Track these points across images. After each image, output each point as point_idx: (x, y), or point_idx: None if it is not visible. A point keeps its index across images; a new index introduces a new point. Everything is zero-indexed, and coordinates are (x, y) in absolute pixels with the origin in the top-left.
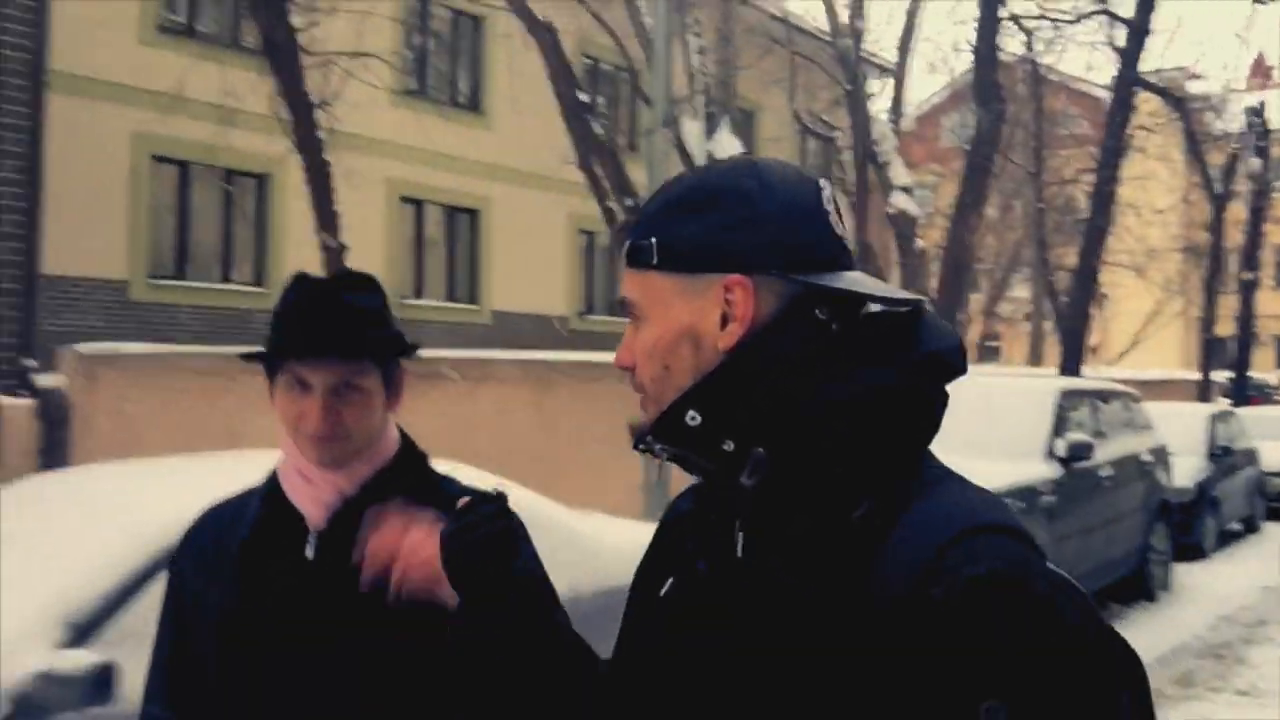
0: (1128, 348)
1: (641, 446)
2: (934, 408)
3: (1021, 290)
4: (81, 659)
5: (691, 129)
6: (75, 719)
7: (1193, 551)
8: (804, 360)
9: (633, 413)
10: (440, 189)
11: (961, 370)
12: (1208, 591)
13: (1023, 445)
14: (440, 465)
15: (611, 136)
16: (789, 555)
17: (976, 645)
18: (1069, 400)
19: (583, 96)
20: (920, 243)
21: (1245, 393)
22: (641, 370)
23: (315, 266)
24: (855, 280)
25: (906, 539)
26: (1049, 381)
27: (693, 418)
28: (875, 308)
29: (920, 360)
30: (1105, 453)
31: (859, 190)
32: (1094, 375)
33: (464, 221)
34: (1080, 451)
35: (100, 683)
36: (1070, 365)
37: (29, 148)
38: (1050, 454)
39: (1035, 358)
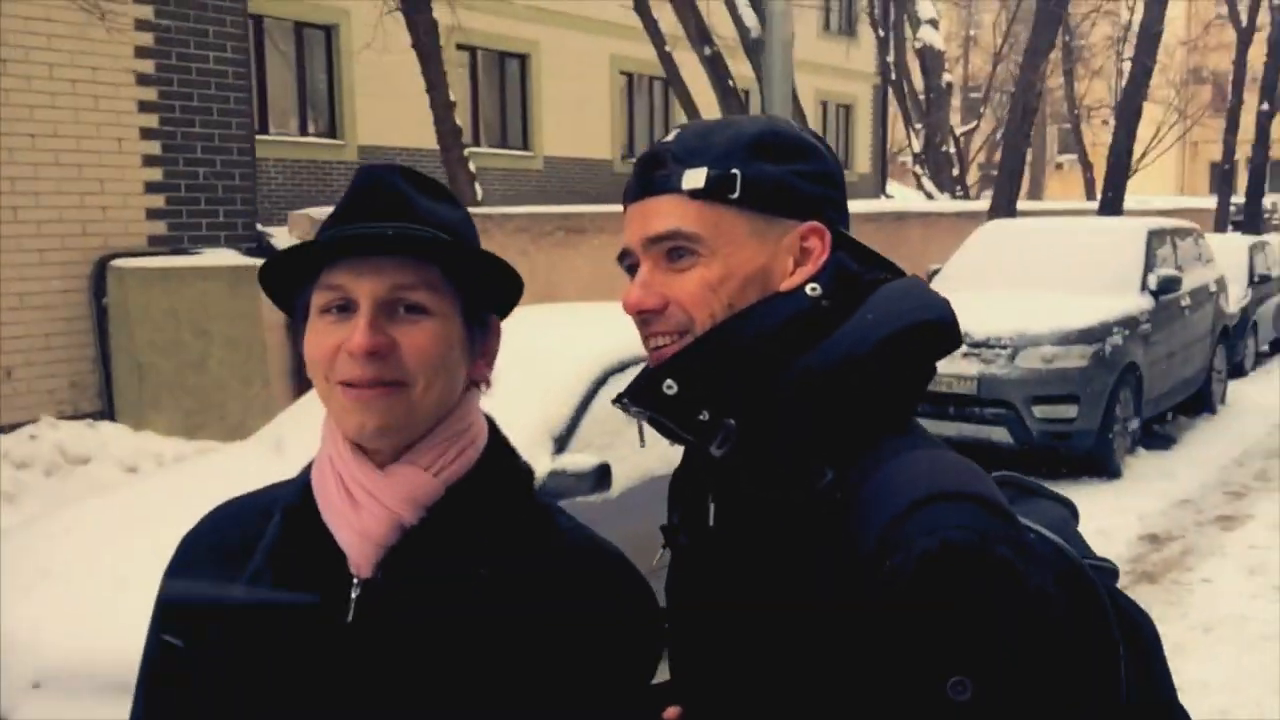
0: (1131, 173)
1: (620, 403)
2: (913, 378)
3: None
4: (588, 460)
5: None
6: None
7: (1236, 370)
8: (783, 331)
9: None
10: (490, 34)
11: (953, 340)
12: (1259, 402)
13: (1121, 281)
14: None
15: None
16: (756, 526)
17: (936, 619)
18: (1155, 239)
19: None
20: (948, 77)
21: (1259, 220)
22: (695, 309)
23: (383, 120)
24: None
25: (867, 510)
26: (1137, 222)
27: (669, 386)
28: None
29: (900, 332)
30: (1184, 285)
31: (884, 22)
32: (1134, 208)
33: (514, 66)
34: (1170, 285)
35: (603, 476)
36: (1112, 201)
37: None
38: (1144, 288)
39: (1032, 191)
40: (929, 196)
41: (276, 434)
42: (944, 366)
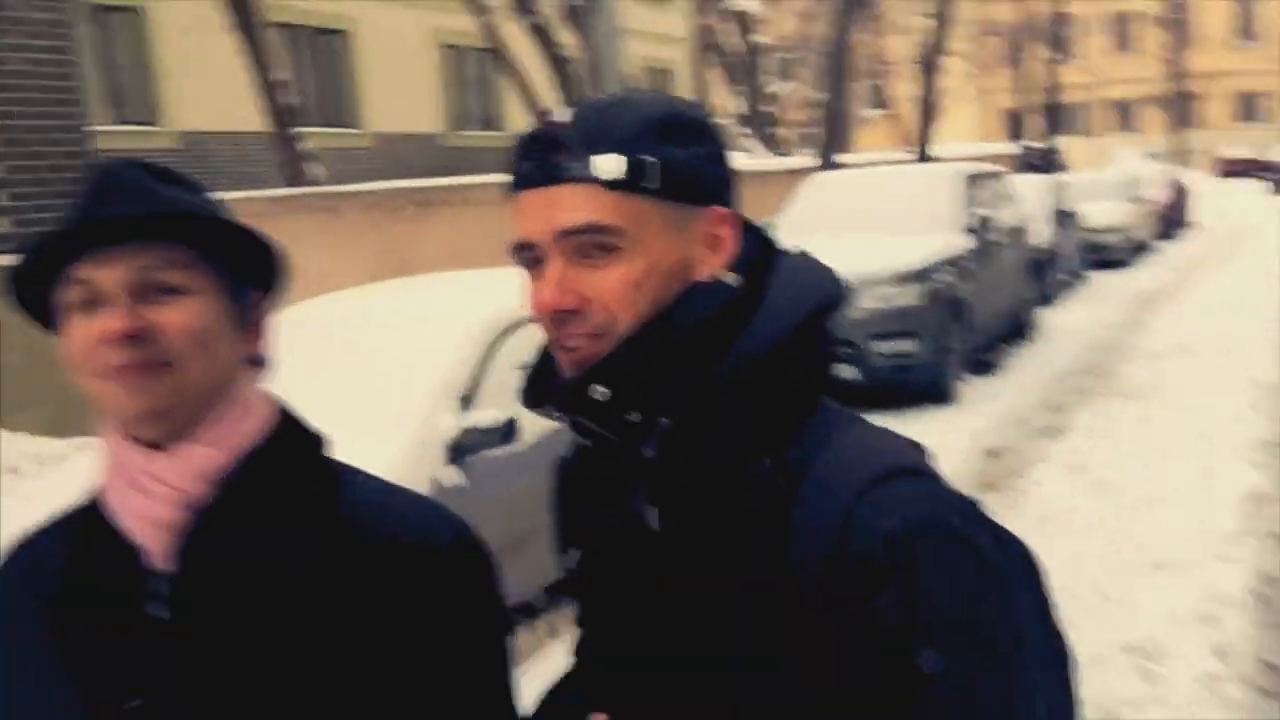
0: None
1: (535, 407)
2: (827, 354)
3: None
4: (496, 415)
5: None
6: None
7: (1045, 300)
8: (711, 323)
9: None
10: (307, 11)
11: (843, 307)
12: (1067, 327)
13: (944, 222)
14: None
15: None
16: (707, 524)
17: (904, 597)
18: (971, 181)
19: None
20: (761, 38)
21: (1054, 161)
22: (620, 308)
23: (202, 105)
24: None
25: (816, 497)
26: (953, 167)
27: (600, 393)
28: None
29: (814, 312)
30: (997, 223)
31: None
32: (941, 155)
33: (334, 43)
34: (986, 224)
35: (510, 429)
36: (922, 150)
37: None
38: (965, 228)
39: (838, 145)
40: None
41: None
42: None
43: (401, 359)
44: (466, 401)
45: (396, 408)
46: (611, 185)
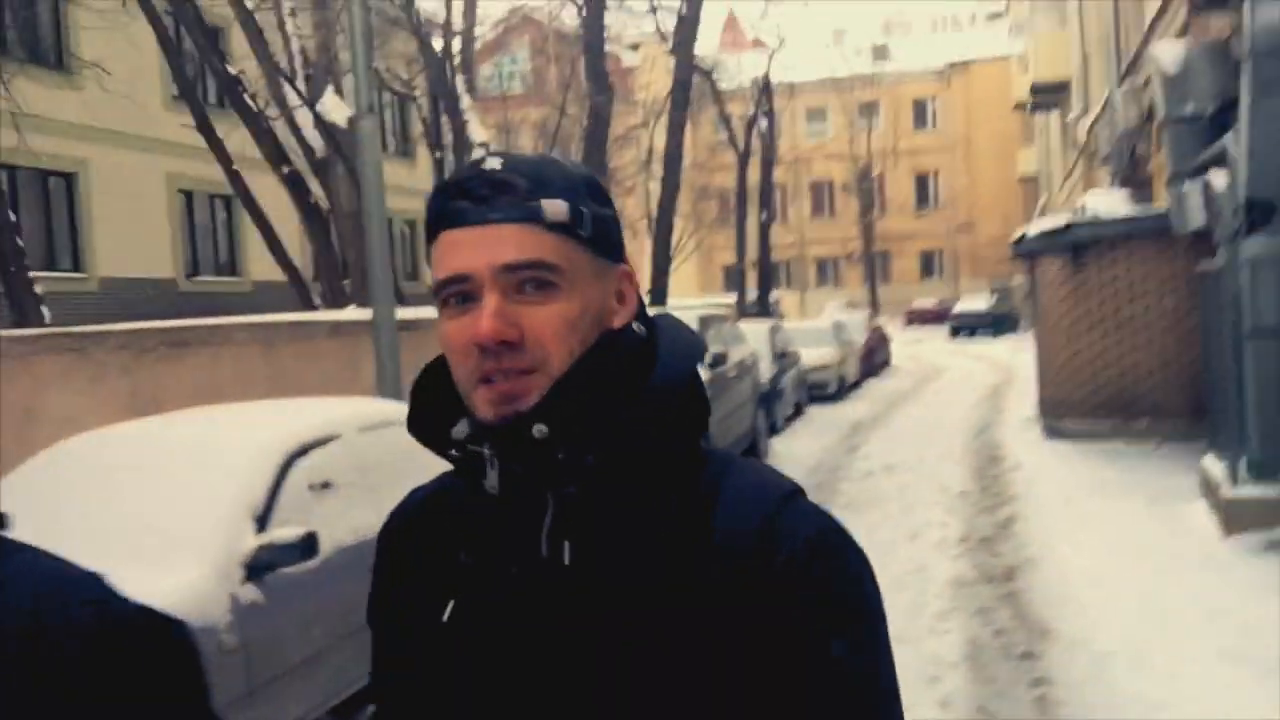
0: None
1: (428, 442)
2: (704, 399)
3: None
4: (293, 531)
5: (332, 101)
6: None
7: (772, 429)
8: (628, 368)
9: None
10: (33, 153)
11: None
12: (793, 453)
13: None
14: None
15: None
16: (624, 553)
17: (824, 595)
18: (704, 323)
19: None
20: None
21: (769, 310)
22: (552, 346)
23: None
24: None
25: (731, 516)
26: (690, 311)
27: (540, 430)
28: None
29: (695, 359)
30: (729, 359)
31: (438, 145)
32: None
33: (60, 185)
34: (720, 359)
35: (309, 544)
36: (655, 301)
37: None
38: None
39: None
40: None
41: None
42: None
43: (197, 482)
44: (262, 521)
45: (195, 529)
46: (551, 227)
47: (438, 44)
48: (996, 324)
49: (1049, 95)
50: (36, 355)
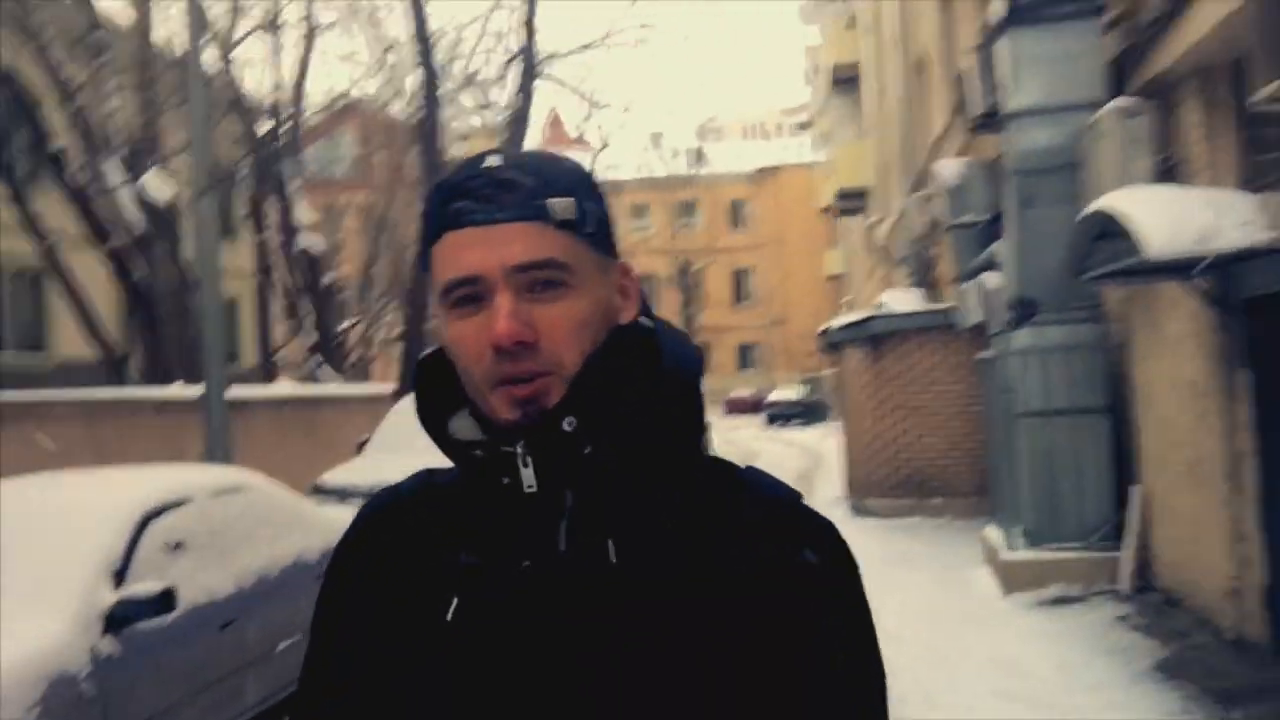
0: None
1: (487, 452)
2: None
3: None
4: (152, 586)
5: (152, 182)
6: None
7: None
8: (642, 363)
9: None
10: None
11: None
12: None
13: None
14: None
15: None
16: (659, 548)
17: (841, 590)
18: None
19: None
20: (331, 275)
21: None
22: (567, 345)
23: None
24: None
25: (756, 512)
26: None
27: (569, 423)
28: None
29: (697, 351)
30: None
31: (260, 226)
32: None
33: None
34: None
35: (167, 598)
36: (407, 383)
37: None
38: None
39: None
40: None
41: None
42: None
43: (56, 540)
44: (120, 576)
45: (55, 584)
46: (558, 225)
47: (263, 126)
48: (808, 413)
49: (851, 201)
50: None
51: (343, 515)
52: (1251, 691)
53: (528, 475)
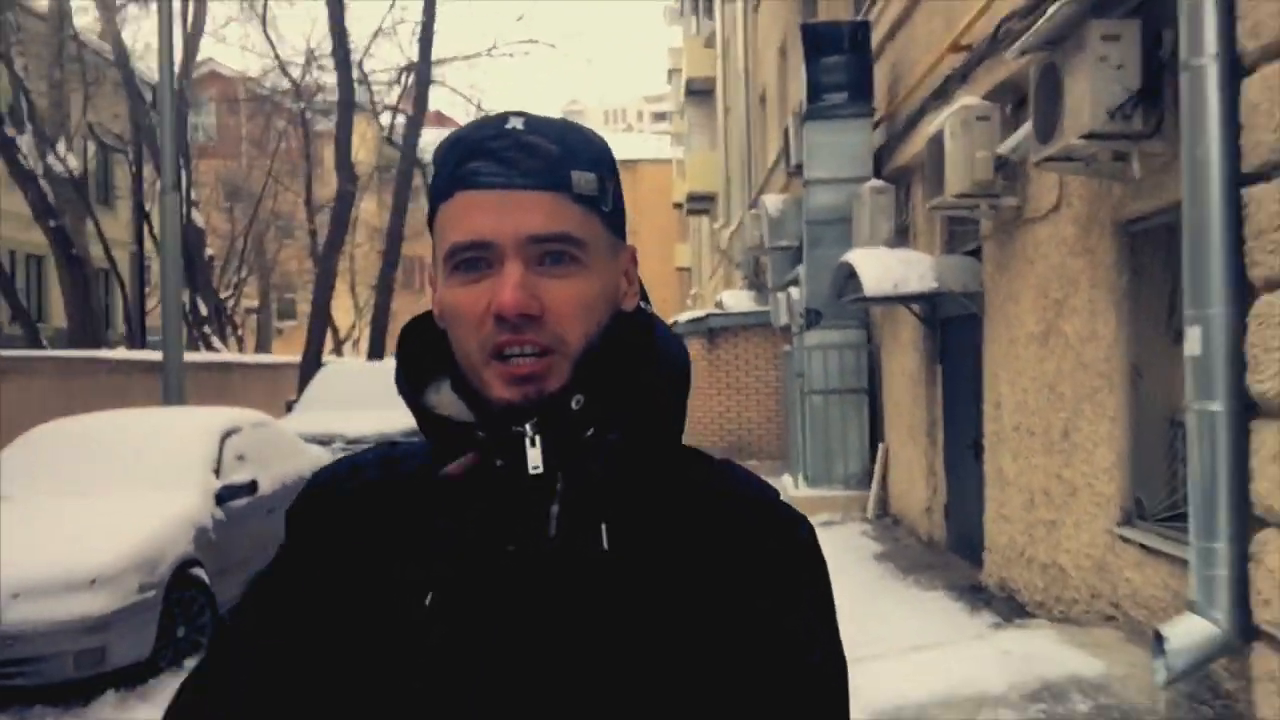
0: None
1: (494, 435)
2: None
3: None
4: (244, 476)
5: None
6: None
7: None
8: (641, 344)
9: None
10: None
11: None
12: None
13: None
14: None
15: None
16: (651, 534)
17: (819, 581)
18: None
19: None
20: (210, 251)
21: None
22: (571, 325)
23: None
24: None
25: (740, 503)
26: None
27: (578, 401)
28: None
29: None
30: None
31: (137, 202)
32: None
33: None
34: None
35: (254, 485)
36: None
37: None
38: None
39: (263, 347)
40: (215, 351)
41: None
42: (326, 459)
43: (173, 449)
44: (217, 471)
45: (183, 474)
46: (578, 199)
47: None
48: None
49: (700, 203)
50: None
51: (312, 449)
52: (924, 567)
53: (534, 455)
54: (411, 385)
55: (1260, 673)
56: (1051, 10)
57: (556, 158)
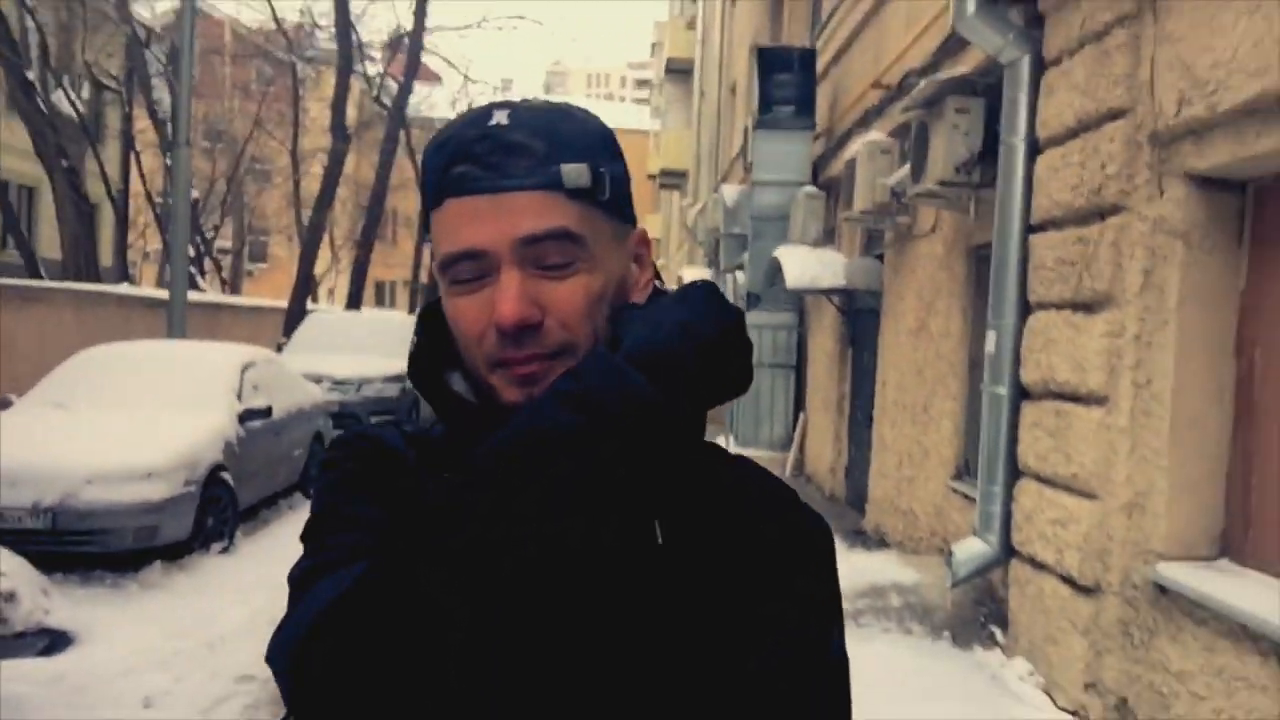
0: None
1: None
2: None
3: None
4: (261, 401)
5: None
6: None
7: None
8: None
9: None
10: None
11: None
12: None
13: (397, 345)
14: None
15: None
16: (686, 530)
17: (833, 578)
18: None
19: None
20: (195, 194)
21: None
22: (579, 325)
23: None
24: None
25: (764, 502)
26: (396, 314)
27: None
28: None
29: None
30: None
31: (126, 141)
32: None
33: None
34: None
35: (269, 410)
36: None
37: None
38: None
39: (235, 288)
40: (201, 290)
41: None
42: (320, 395)
43: (201, 375)
44: (239, 396)
45: (211, 398)
46: (572, 194)
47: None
48: None
49: (672, 179)
50: None
51: (310, 385)
52: (829, 517)
53: None
54: (427, 370)
55: (1014, 579)
56: (923, 83)
57: (543, 154)
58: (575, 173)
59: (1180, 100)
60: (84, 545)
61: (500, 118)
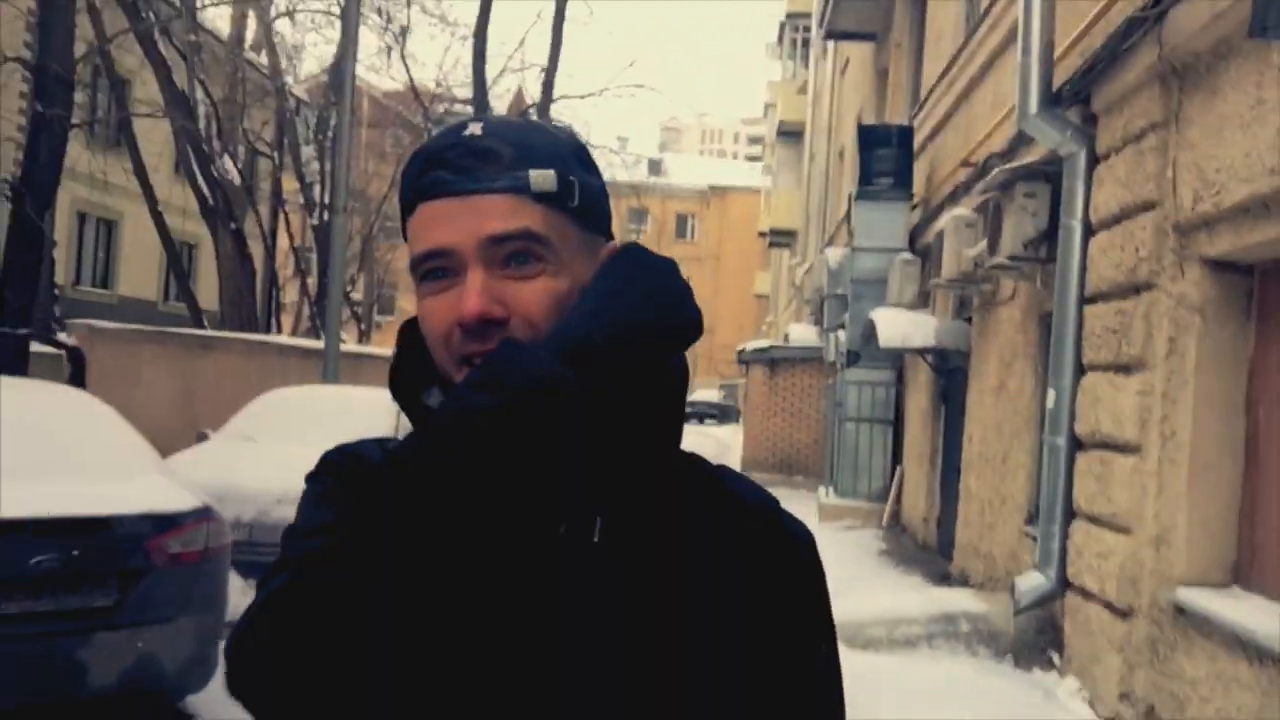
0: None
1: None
2: None
3: None
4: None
5: None
6: None
7: None
8: None
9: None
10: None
11: None
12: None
13: None
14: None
15: None
16: (643, 533)
17: (822, 590)
18: None
19: None
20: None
21: None
22: (541, 325)
23: None
24: None
25: (744, 509)
26: None
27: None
28: None
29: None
30: None
31: (276, 202)
32: None
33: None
34: None
35: None
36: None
37: None
38: None
39: (365, 338)
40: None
41: (243, 429)
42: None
43: (361, 417)
44: (396, 431)
45: (373, 431)
46: (539, 198)
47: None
48: (723, 413)
49: (782, 237)
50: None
51: None
52: (913, 562)
53: None
54: (407, 387)
55: (1069, 608)
56: (996, 170)
57: (512, 159)
58: (542, 178)
59: (1195, 197)
60: (275, 555)
61: (474, 129)
